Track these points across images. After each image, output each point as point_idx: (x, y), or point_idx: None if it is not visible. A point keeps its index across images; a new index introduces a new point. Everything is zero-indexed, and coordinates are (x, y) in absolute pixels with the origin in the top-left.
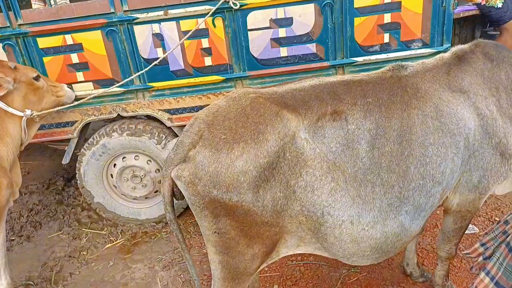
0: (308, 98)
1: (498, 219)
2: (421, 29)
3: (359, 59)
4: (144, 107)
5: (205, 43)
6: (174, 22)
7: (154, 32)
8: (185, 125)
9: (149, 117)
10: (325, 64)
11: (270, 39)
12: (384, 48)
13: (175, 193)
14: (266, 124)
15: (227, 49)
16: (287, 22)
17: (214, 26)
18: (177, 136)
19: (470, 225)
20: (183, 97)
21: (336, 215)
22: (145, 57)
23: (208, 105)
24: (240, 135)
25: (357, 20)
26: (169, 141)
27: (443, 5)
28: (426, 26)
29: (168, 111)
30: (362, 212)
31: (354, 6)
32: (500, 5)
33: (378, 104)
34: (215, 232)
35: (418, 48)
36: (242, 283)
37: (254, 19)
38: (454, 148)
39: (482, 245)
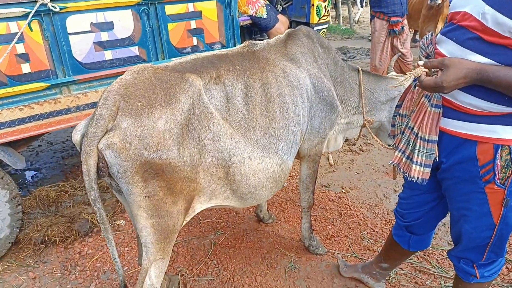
0: (196, 67)
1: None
2: (219, 33)
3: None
4: None
5: (20, 48)
6: None
7: None
8: (6, 143)
9: None
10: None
11: (93, 42)
12: (194, 49)
13: (100, 169)
14: (174, 87)
15: (47, 54)
16: (108, 26)
17: (31, 30)
18: None
19: None
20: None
21: (240, 154)
22: None
23: (32, 115)
24: (154, 100)
25: (171, 26)
26: None
27: (231, 14)
28: (221, 31)
29: None
30: (254, 150)
31: (166, 13)
32: (265, 16)
33: (244, 69)
34: (146, 196)
35: (219, 49)
36: (171, 241)
37: (74, 23)
38: (300, 98)
39: (399, 150)
